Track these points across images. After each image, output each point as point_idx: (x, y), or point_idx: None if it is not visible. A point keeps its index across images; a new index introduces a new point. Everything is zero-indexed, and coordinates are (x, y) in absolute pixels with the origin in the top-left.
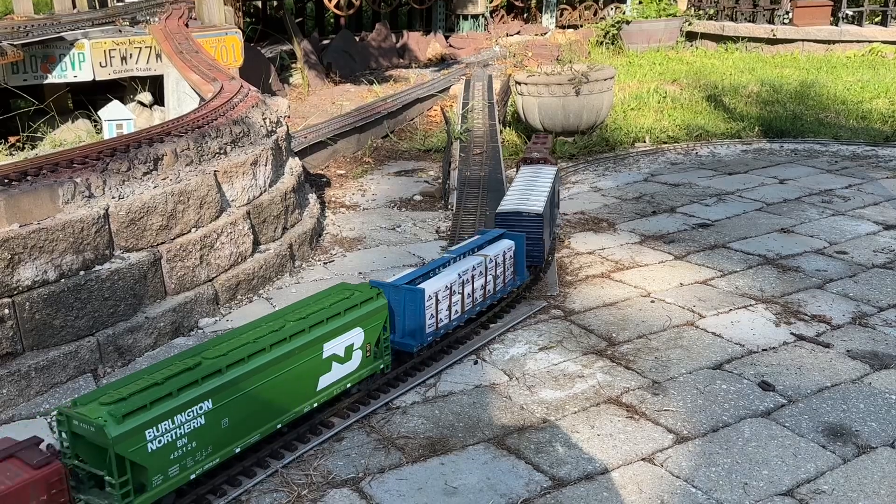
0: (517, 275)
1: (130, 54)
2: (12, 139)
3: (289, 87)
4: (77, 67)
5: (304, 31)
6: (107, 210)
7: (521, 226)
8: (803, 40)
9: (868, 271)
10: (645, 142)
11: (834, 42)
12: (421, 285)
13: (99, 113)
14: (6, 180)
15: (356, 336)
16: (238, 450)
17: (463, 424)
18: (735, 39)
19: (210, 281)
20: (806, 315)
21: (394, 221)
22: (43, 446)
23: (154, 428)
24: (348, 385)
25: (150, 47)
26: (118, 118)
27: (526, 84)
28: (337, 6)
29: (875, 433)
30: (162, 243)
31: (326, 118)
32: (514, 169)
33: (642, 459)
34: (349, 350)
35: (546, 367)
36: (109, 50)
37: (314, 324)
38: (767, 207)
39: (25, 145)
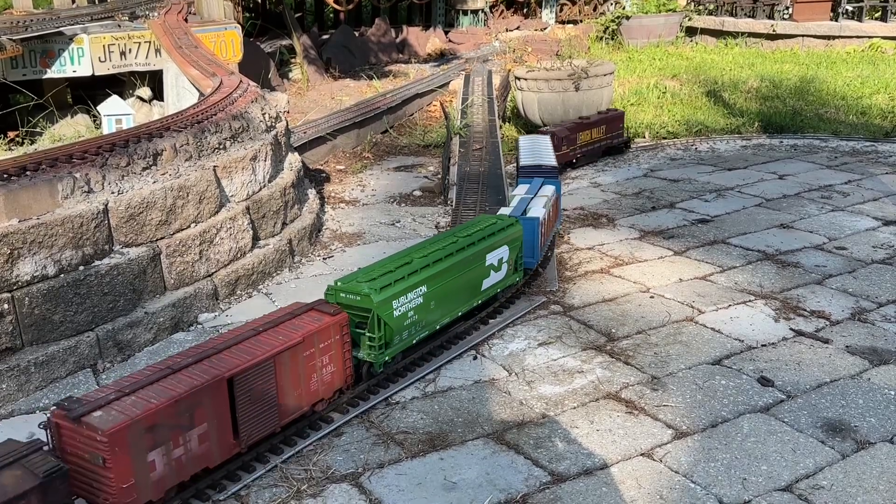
0: (558, 216)
1: (129, 49)
2: (11, 134)
3: (288, 82)
4: (76, 62)
5: (304, 26)
6: (106, 205)
7: (541, 176)
8: (803, 36)
9: (867, 267)
10: (644, 137)
11: (834, 37)
12: (530, 215)
13: (98, 108)
14: (5, 175)
15: (504, 252)
16: (437, 327)
17: (462, 419)
18: (735, 35)
19: (209, 276)
20: (805, 311)
21: (393, 217)
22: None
23: (397, 300)
24: (498, 290)
25: (150, 42)
26: (117, 113)
27: (525, 79)
28: (336, 1)
29: (874, 429)
30: (161, 238)
31: (326, 113)
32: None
33: (641, 455)
34: (500, 262)
35: (545, 362)
36: (108, 45)
37: (480, 239)
38: (767, 203)
39: (24, 140)
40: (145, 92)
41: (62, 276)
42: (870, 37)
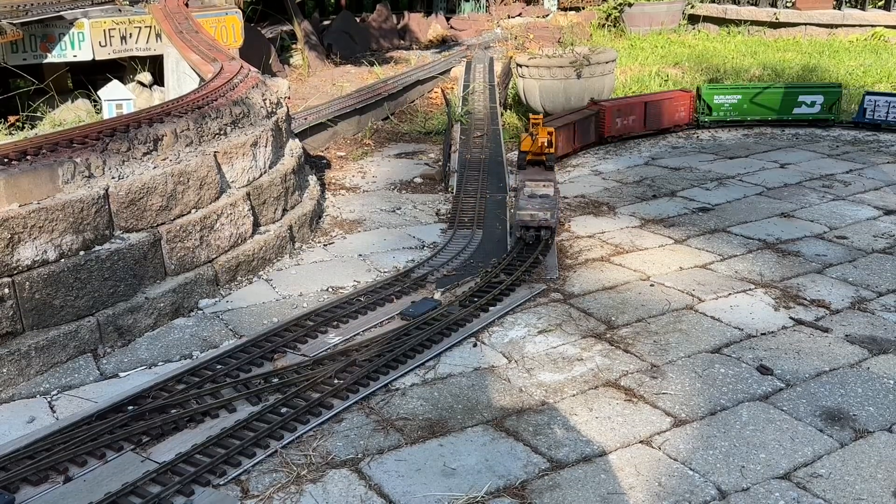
0: None
1: (130, 34)
2: (12, 119)
3: (289, 67)
4: (76, 47)
5: (305, 12)
6: (106, 190)
7: None
8: (806, 24)
9: (868, 256)
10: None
11: (837, 26)
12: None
13: (99, 93)
14: (6, 160)
15: (819, 98)
16: (748, 118)
17: (462, 406)
18: (737, 23)
19: (210, 262)
20: (805, 300)
21: (394, 204)
22: None
23: (716, 98)
24: (810, 118)
25: (150, 27)
26: (118, 98)
27: (527, 66)
28: None
29: (873, 417)
30: (162, 224)
31: (327, 100)
32: None
33: (640, 442)
34: (813, 103)
35: (545, 349)
36: (109, 29)
37: (793, 86)
38: (768, 192)
39: (25, 125)
40: (146, 77)
41: (63, 260)
42: (873, 25)
